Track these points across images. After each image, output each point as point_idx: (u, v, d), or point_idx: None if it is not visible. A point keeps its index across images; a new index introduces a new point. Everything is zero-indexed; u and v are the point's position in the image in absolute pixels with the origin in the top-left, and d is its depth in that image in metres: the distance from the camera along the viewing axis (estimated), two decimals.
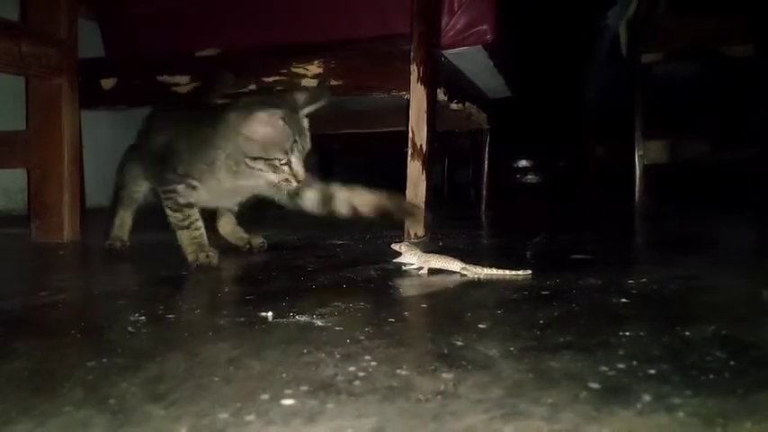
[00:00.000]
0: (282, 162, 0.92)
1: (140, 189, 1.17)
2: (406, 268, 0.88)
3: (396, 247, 0.87)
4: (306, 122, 0.97)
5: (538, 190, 4.40)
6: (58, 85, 1.34)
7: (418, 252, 0.87)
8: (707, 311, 0.63)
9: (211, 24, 1.59)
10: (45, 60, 1.31)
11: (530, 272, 0.83)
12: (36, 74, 1.31)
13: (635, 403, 0.38)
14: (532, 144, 4.51)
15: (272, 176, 0.94)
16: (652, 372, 0.44)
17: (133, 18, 1.66)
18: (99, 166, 1.94)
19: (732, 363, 0.46)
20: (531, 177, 4.91)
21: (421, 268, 0.86)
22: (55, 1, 1.34)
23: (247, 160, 0.93)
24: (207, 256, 0.95)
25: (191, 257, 0.96)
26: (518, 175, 4.88)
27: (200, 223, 1.00)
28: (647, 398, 0.39)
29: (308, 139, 0.97)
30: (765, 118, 0.68)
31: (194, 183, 0.97)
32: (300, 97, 0.98)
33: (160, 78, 1.57)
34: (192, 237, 0.98)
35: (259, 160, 0.92)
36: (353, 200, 1.03)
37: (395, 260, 0.88)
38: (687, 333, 0.54)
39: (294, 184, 0.95)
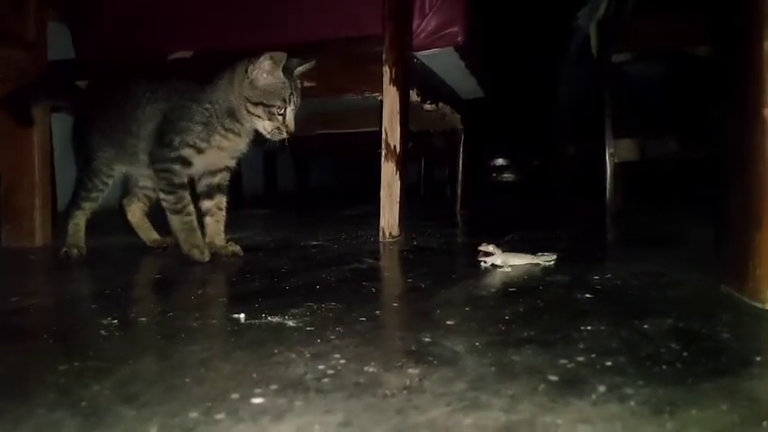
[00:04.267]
0: (280, 111, 1.01)
1: (113, 175, 1.17)
2: (487, 265, 0.92)
3: (483, 247, 0.92)
4: (299, 83, 1.07)
5: (513, 188, 4.45)
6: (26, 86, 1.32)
7: (499, 251, 0.91)
8: (666, 306, 0.66)
9: (183, 27, 1.59)
10: (14, 63, 1.29)
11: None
12: (4, 77, 1.29)
13: (590, 394, 0.40)
14: (508, 143, 4.57)
15: (267, 123, 1.03)
16: (609, 364, 0.46)
17: (104, 20, 1.65)
18: (70, 169, 1.92)
19: (685, 354, 0.49)
20: (506, 176, 4.97)
21: (503, 265, 0.90)
22: (23, 4, 1.32)
23: (249, 105, 1.02)
24: (201, 252, 1.02)
25: (185, 248, 1.02)
26: (494, 174, 4.93)
27: (192, 208, 1.06)
28: (601, 389, 0.41)
29: (299, 99, 1.05)
30: (720, 117, 0.71)
31: (190, 152, 1.03)
32: (293, 60, 1.07)
33: None
34: (183, 221, 1.03)
35: (259, 106, 1.01)
36: None
37: (481, 258, 0.92)
38: (645, 326, 0.57)
39: (284, 134, 1.04)
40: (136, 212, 1.24)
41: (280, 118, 1.02)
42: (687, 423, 0.36)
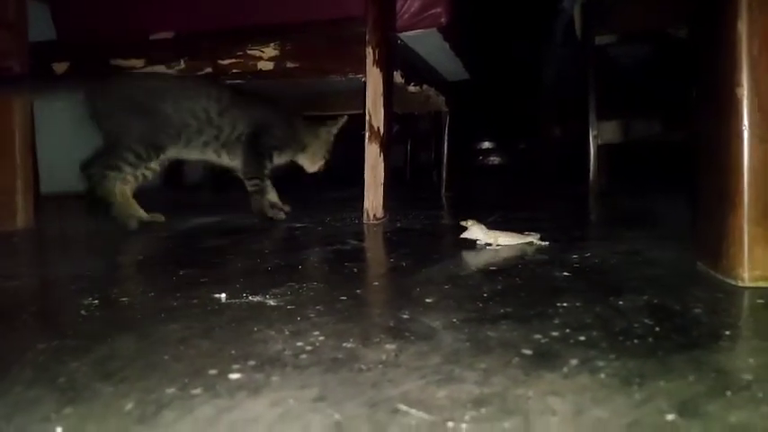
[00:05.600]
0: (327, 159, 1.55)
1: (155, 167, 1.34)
2: (481, 243, 0.94)
3: (464, 223, 0.94)
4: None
5: (500, 171, 4.47)
6: (8, 69, 1.30)
7: (484, 228, 0.93)
8: (642, 283, 0.67)
9: (166, 6, 1.56)
10: None
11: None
12: None
13: (562, 367, 0.41)
14: (494, 126, 4.57)
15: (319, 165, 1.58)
16: (582, 338, 0.47)
17: (85, 0, 1.62)
18: (53, 151, 1.89)
19: (657, 329, 0.50)
20: (493, 158, 4.97)
21: (489, 244, 0.92)
22: None
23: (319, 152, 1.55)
24: (280, 212, 1.40)
25: (269, 213, 1.37)
26: (480, 157, 4.94)
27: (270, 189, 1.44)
28: (573, 362, 0.42)
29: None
30: (696, 98, 0.72)
31: (280, 155, 1.45)
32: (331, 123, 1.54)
33: (113, 62, 1.54)
34: (264, 198, 1.39)
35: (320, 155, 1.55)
36: None
37: (462, 235, 0.94)
38: (620, 303, 0.58)
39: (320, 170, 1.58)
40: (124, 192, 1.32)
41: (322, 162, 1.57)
42: (655, 393, 0.37)
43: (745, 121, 0.61)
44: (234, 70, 1.43)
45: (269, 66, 1.40)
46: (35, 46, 1.40)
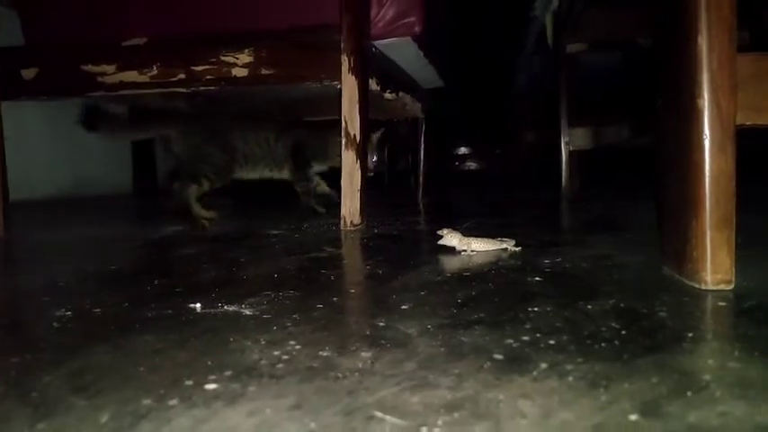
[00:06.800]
0: None
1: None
2: (461, 250, 0.95)
3: (440, 232, 0.97)
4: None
5: (476, 176, 4.51)
6: None
7: (459, 235, 0.95)
8: (611, 287, 0.69)
9: (138, 11, 1.55)
10: None
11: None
12: None
13: (532, 371, 0.42)
14: (470, 132, 4.62)
15: None
16: (552, 342, 0.49)
17: (54, 5, 1.60)
18: (23, 158, 1.86)
19: (624, 332, 0.51)
20: (469, 164, 5.03)
21: (464, 250, 0.94)
22: None
23: None
24: (322, 207, 1.67)
25: (318, 209, 1.66)
26: (457, 163, 4.99)
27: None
28: (543, 365, 0.43)
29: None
30: (660, 108, 0.74)
31: (319, 164, 1.72)
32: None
33: (84, 68, 1.52)
34: (311, 198, 1.68)
35: None
36: None
37: (438, 242, 0.96)
38: (589, 307, 0.59)
39: None
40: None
41: None
42: (620, 395, 0.38)
43: (706, 131, 0.63)
44: (208, 77, 1.43)
45: (243, 72, 1.40)
46: (2, 51, 1.38)
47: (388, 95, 1.64)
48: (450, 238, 0.95)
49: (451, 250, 0.95)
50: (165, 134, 1.59)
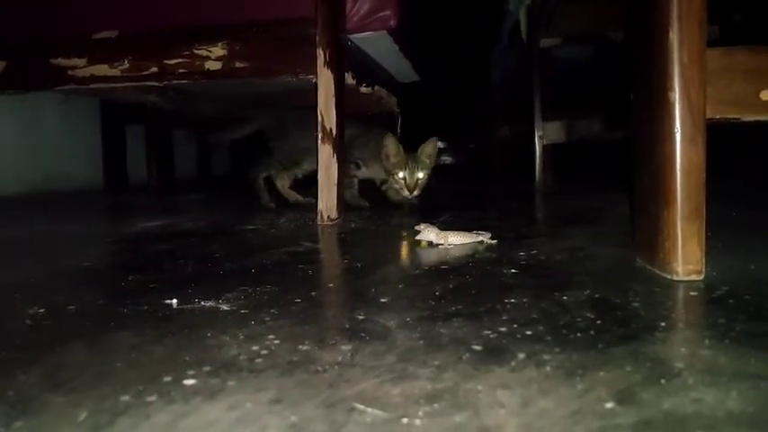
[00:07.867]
0: (399, 176, 1.58)
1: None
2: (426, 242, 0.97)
3: (417, 227, 0.98)
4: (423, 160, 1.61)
5: (451, 170, 4.53)
6: None
7: (436, 229, 0.96)
8: (585, 278, 0.70)
9: (109, 4, 1.52)
10: None
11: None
12: None
13: (510, 361, 0.43)
14: (445, 126, 4.64)
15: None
16: (529, 333, 0.49)
17: None
18: None
19: (598, 322, 0.52)
20: (444, 158, 5.05)
21: (441, 244, 0.95)
22: None
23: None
24: (364, 203, 1.67)
25: (361, 204, 1.66)
26: None
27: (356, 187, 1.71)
28: (521, 356, 0.44)
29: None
30: (633, 101, 0.75)
31: (362, 165, 1.69)
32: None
33: (54, 62, 1.49)
34: (352, 194, 1.67)
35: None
36: None
37: (416, 237, 0.97)
38: (564, 298, 0.61)
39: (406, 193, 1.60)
40: (286, 183, 1.77)
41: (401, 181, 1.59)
42: (595, 384, 0.39)
43: (677, 124, 0.64)
44: (180, 70, 1.41)
45: (217, 66, 1.39)
46: None
47: (363, 89, 1.64)
48: (428, 233, 0.95)
49: (428, 244, 0.95)
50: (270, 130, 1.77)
